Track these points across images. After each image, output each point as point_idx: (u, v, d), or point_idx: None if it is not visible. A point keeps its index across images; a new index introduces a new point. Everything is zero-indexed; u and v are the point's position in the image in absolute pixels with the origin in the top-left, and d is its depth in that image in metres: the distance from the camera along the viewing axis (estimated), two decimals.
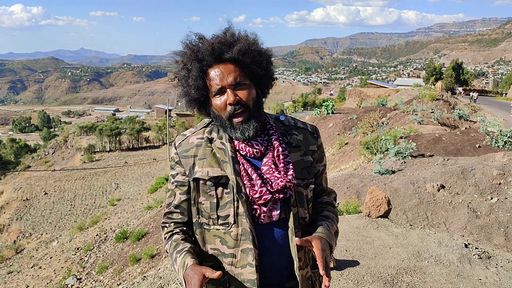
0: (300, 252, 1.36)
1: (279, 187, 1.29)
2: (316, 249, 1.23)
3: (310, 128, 1.50)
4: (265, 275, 1.34)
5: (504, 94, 49.41)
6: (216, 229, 1.36)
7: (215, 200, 1.35)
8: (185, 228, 1.44)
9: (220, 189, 1.34)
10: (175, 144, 1.45)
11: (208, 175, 1.34)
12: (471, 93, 38.95)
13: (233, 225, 1.32)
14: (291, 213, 1.33)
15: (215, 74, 1.32)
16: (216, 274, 1.20)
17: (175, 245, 1.38)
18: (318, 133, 1.52)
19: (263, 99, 1.44)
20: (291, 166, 1.34)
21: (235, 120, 1.32)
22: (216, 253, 1.37)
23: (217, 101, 1.34)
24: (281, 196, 1.31)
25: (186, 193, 1.41)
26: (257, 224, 1.32)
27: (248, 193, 1.31)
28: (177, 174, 1.42)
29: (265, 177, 1.33)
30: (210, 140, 1.39)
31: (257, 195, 1.29)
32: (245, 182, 1.32)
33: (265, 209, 1.31)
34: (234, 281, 1.34)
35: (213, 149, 1.38)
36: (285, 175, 1.31)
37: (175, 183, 1.43)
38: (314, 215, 1.46)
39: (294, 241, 1.31)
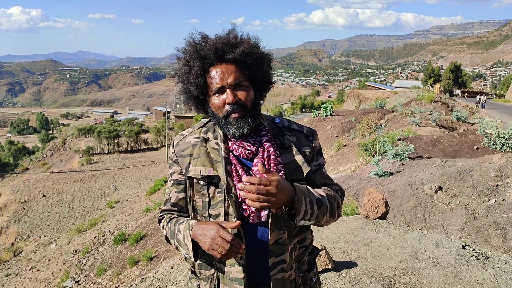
0: (285, 254, 1.36)
1: None
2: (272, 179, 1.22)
3: (306, 131, 1.51)
4: (251, 274, 1.36)
5: (492, 95, 49.10)
6: None
7: (207, 199, 1.38)
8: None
9: (212, 188, 1.37)
10: (173, 143, 1.49)
11: (200, 174, 1.38)
12: (477, 97, 33.39)
13: None
14: (270, 214, 1.33)
15: (216, 73, 1.35)
16: (233, 224, 1.25)
17: (176, 221, 1.41)
18: (314, 136, 1.51)
19: (261, 102, 1.46)
20: (282, 168, 1.36)
21: (233, 115, 1.34)
22: None
23: (216, 99, 1.36)
24: None
25: (182, 191, 1.45)
26: (245, 224, 1.35)
27: (238, 193, 1.33)
28: (174, 172, 1.46)
29: None
30: (206, 140, 1.43)
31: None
32: (235, 182, 1.34)
33: (253, 209, 1.32)
34: (223, 279, 1.37)
35: (207, 149, 1.41)
36: None
37: (172, 181, 1.47)
38: None
39: (270, 241, 1.33)
